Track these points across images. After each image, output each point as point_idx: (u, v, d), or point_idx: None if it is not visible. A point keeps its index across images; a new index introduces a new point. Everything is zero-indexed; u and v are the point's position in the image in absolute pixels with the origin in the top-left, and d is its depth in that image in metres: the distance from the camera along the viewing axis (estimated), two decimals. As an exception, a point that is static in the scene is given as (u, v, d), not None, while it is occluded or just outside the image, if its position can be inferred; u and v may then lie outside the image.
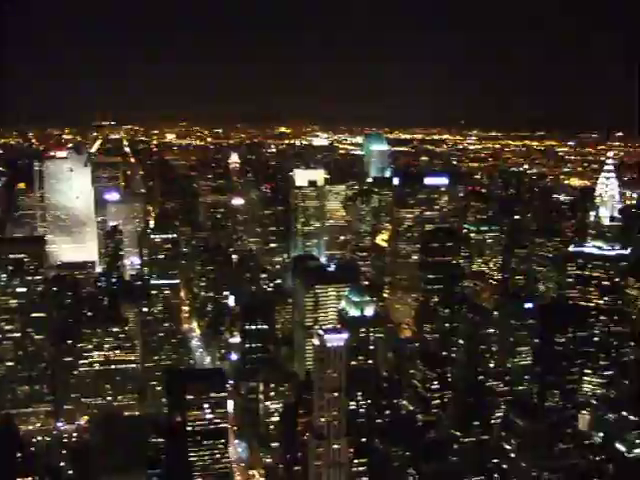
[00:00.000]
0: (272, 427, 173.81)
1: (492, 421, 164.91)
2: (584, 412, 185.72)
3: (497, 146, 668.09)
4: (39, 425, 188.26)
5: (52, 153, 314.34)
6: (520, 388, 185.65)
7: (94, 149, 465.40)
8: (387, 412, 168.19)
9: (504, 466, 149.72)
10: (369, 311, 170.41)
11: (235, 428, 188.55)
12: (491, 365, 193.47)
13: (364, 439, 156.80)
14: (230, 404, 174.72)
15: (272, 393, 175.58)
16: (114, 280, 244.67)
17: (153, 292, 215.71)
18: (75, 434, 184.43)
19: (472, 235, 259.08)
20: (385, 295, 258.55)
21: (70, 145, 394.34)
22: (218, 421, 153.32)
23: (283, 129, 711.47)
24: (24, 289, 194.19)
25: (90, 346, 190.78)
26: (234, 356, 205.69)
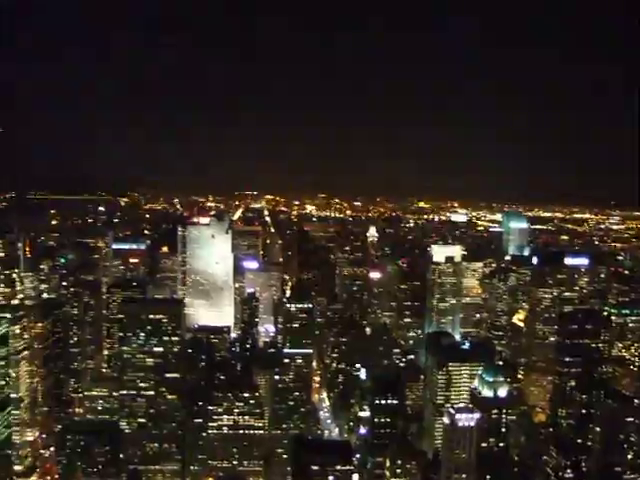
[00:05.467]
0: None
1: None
2: None
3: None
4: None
5: (195, 219, 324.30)
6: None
7: (236, 217, 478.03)
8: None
9: None
10: (502, 392, 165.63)
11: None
12: (629, 456, 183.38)
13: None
14: (355, 478, 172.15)
15: (398, 470, 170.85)
16: (248, 346, 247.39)
17: (286, 360, 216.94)
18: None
19: (613, 318, 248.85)
20: (520, 376, 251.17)
21: (213, 212, 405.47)
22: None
23: (422, 204, 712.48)
24: (161, 349, 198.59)
25: (220, 410, 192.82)
26: (362, 430, 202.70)
